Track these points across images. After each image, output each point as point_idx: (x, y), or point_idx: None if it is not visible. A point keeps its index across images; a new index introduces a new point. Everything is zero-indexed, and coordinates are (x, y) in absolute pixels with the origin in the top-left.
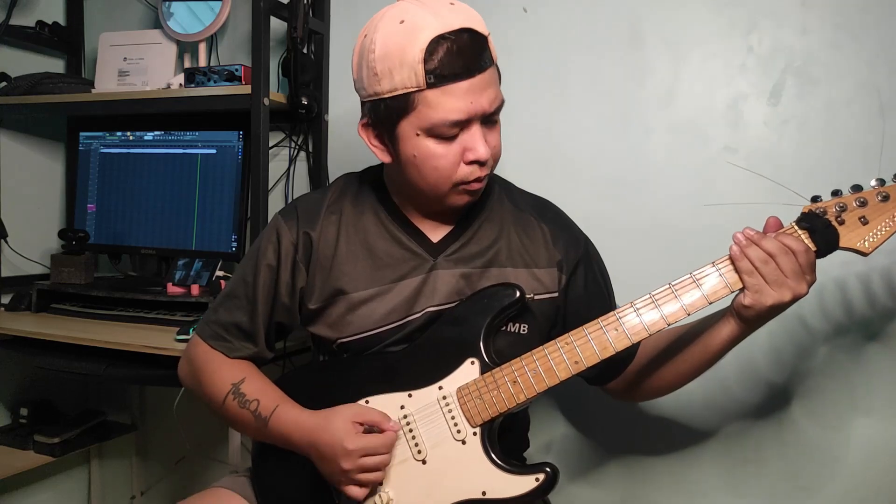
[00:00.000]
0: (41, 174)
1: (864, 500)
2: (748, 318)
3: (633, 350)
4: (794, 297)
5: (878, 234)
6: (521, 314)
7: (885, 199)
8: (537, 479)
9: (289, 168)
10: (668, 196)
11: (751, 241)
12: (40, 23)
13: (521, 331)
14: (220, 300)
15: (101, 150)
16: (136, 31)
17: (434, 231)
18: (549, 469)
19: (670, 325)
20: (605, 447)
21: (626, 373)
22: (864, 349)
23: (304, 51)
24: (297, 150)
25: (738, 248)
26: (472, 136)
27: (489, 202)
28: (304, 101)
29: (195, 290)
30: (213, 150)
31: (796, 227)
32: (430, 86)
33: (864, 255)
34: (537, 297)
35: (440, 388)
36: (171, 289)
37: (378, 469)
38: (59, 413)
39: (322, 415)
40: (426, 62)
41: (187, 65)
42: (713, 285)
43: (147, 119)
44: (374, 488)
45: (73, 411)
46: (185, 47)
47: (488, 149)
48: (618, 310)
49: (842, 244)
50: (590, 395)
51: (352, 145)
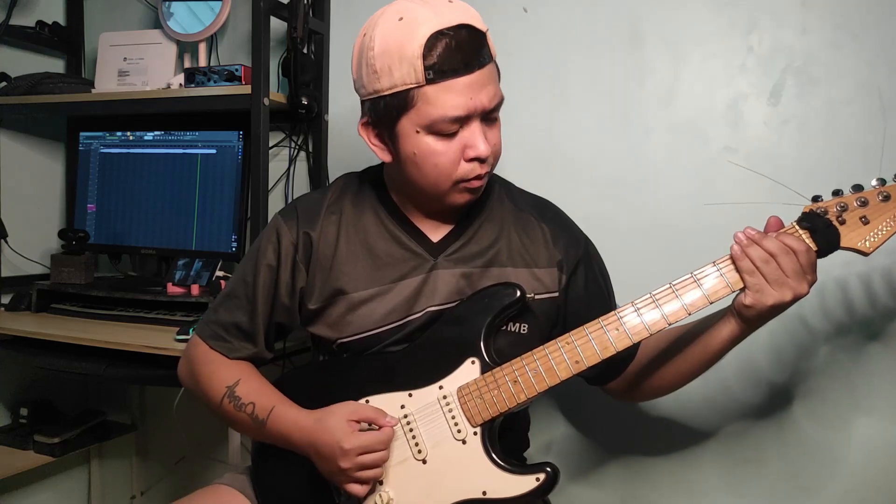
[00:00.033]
0: (41, 174)
1: (864, 501)
2: (749, 317)
3: (634, 350)
4: (795, 297)
5: (879, 233)
6: (522, 314)
7: (886, 198)
8: (538, 479)
9: (289, 168)
10: (668, 196)
11: (752, 241)
12: (40, 23)
13: (522, 330)
14: (220, 300)
15: (101, 150)
16: (136, 31)
17: (434, 231)
18: (549, 469)
19: (671, 324)
20: (605, 447)
21: (627, 373)
22: (865, 349)
23: (304, 51)
24: (297, 150)
25: (739, 248)
26: (472, 133)
27: (489, 202)
28: (304, 101)
29: (195, 290)
30: (213, 150)
31: (797, 227)
32: (429, 82)
33: (865, 254)
34: (538, 296)
35: (440, 387)
36: (171, 289)
37: (377, 466)
38: (59, 413)
39: (319, 414)
40: (425, 58)
41: (187, 65)
42: (714, 285)
43: (147, 119)
44: (374, 487)
45: (73, 411)
46: (185, 47)
47: (488, 146)
48: (619, 309)
49: (843, 244)
50: (590, 395)
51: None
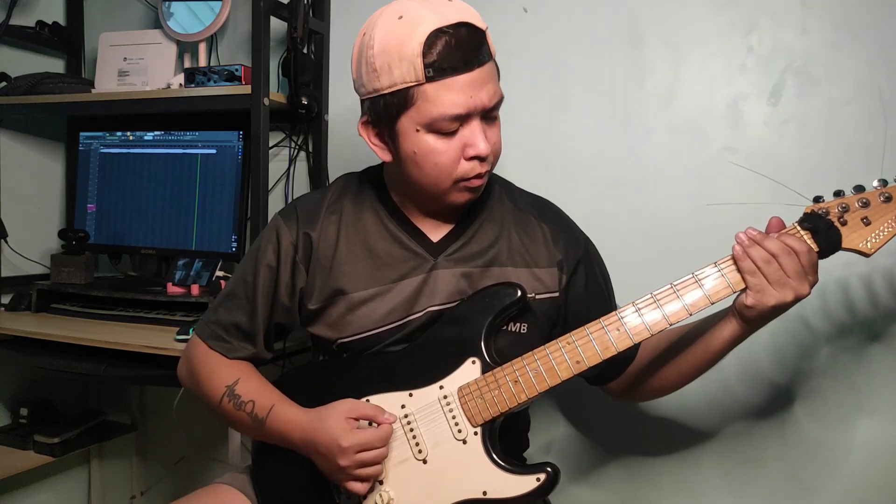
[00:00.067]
0: (41, 174)
1: (865, 501)
2: (750, 318)
3: (634, 350)
4: (797, 298)
5: (881, 234)
6: (522, 314)
7: (888, 199)
8: (538, 479)
9: (289, 168)
10: (668, 196)
11: (753, 242)
12: (40, 23)
13: (522, 330)
14: (220, 300)
15: (101, 150)
16: (136, 31)
17: (434, 230)
18: (549, 469)
19: (672, 325)
20: (605, 447)
21: (627, 373)
22: (867, 350)
23: (304, 51)
24: (297, 150)
25: (740, 248)
26: (471, 132)
27: (489, 202)
28: (304, 101)
29: (195, 290)
30: (213, 150)
31: (799, 228)
32: (429, 79)
33: (867, 255)
34: (538, 296)
35: (441, 387)
36: (171, 289)
37: (376, 463)
38: (59, 413)
39: (317, 413)
40: (425, 56)
41: (187, 65)
42: (715, 285)
43: (147, 119)
44: (374, 486)
45: (73, 411)
46: (185, 47)
47: (488, 144)
48: (620, 309)
49: (844, 245)
50: (590, 396)
51: (352, 145)
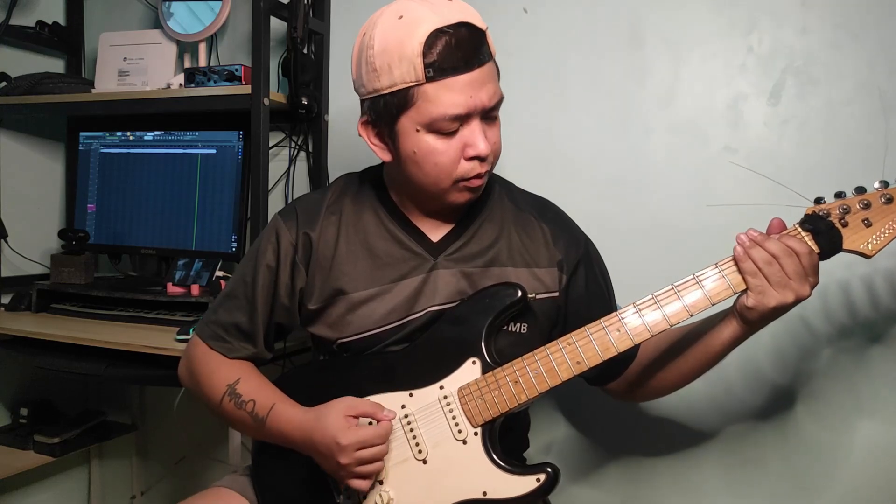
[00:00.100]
0: (41, 174)
1: (865, 502)
2: (751, 319)
3: (635, 351)
4: (797, 299)
5: (882, 236)
6: (523, 314)
7: (889, 201)
8: (538, 480)
9: (289, 168)
10: (668, 196)
11: (754, 243)
12: (40, 23)
13: (522, 330)
14: (220, 300)
15: (101, 150)
16: (136, 31)
17: (434, 230)
18: (550, 469)
19: (672, 325)
20: (605, 447)
21: (627, 373)
22: (868, 351)
23: (304, 51)
24: (297, 150)
25: (741, 249)
26: (471, 132)
27: (490, 201)
28: (304, 101)
29: (195, 290)
30: (213, 150)
31: (800, 229)
32: (429, 79)
33: (868, 257)
34: (538, 296)
35: (441, 387)
36: (171, 289)
37: (377, 459)
38: (59, 413)
39: (316, 411)
40: (425, 56)
41: (187, 65)
42: (716, 286)
43: (147, 119)
44: (374, 486)
45: (73, 411)
46: (185, 47)
47: (488, 144)
48: (620, 310)
49: (845, 246)
50: (590, 396)
51: (352, 145)
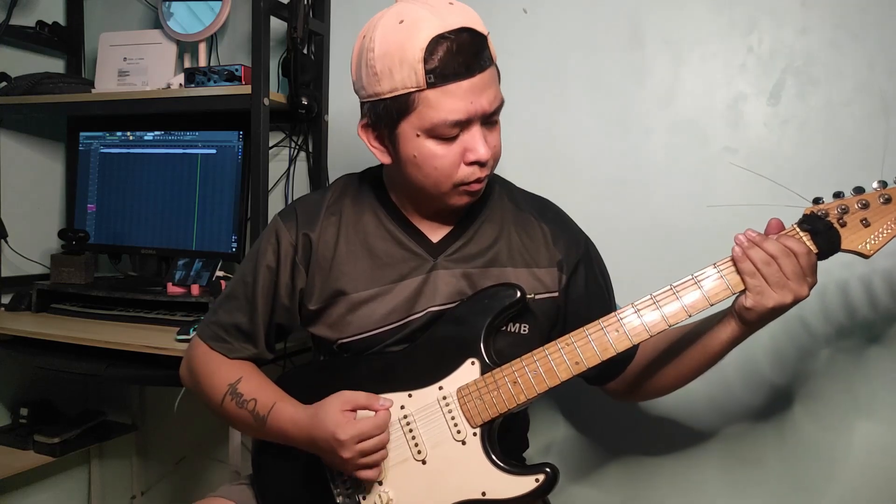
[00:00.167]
0: (41, 174)
1: (864, 502)
2: (749, 319)
3: (634, 351)
4: (796, 299)
5: (880, 236)
6: (522, 314)
7: (888, 201)
8: (537, 480)
9: (289, 168)
10: (668, 196)
11: (753, 243)
12: (40, 23)
13: (522, 331)
14: (221, 301)
15: (101, 150)
16: (136, 31)
17: (434, 231)
18: (549, 469)
19: (671, 326)
20: (605, 448)
21: (626, 373)
22: (866, 351)
23: (304, 51)
24: (297, 150)
25: (740, 250)
26: (472, 137)
27: (490, 202)
28: (304, 101)
29: (195, 290)
30: (213, 150)
31: (798, 229)
32: (430, 85)
33: (866, 257)
34: (538, 296)
35: (440, 388)
36: (171, 289)
37: (379, 448)
38: (59, 413)
39: (314, 409)
40: (426, 62)
41: (187, 65)
42: (714, 286)
43: (147, 119)
44: (374, 486)
45: (73, 411)
46: (185, 47)
47: (488, 149)
48: (619, 310)
49: (843, 246)
50: (590, 396)
51: (352, 145)
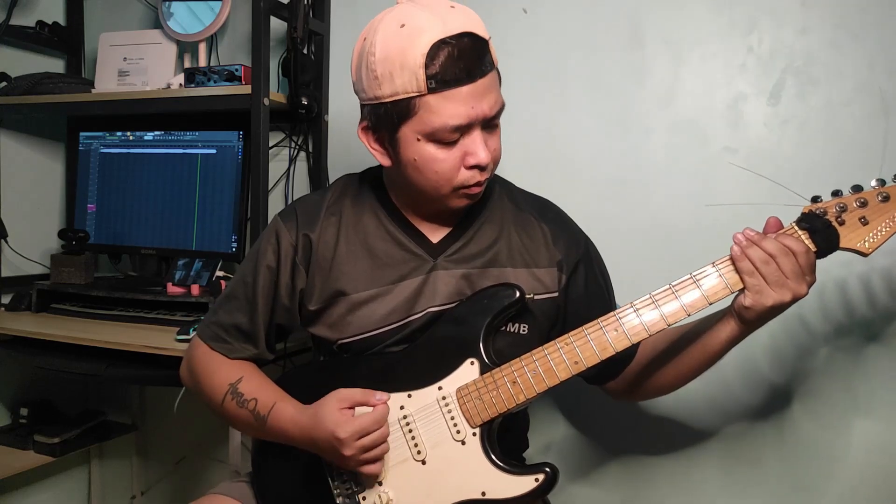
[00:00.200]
0: (41, 174)
1: (863, 501)
2: (748, 318)
3: (633, 350)
4: (794, 298)
5: (879, 234)
6: (521, 314)
7: (886, 199)
8: (537, 480)
9: (289, 168)
10: (668, 196)
11: (751, 242)
12: (40, 23)
13: (521, 331)
14: (221, 301)
15: (101, 150)
16: (136, 31)
17: (434, 232)
18: (548, 469)
19: (670, 325)
20: (605, 447)
21: (626, 372)
22: (865, 350)
23: (304, 51)
24: (297, 151)
25: (738, 249)
26: (472, 141)
27: (489, 202)
28: (304, 101)
29: (195, 290)
30: (213, 150)
31: (796, 228)
32: (431, 91)
33: (865, 255)
34: (537, 296)
35: (440, 388)
36: (171, 289)
37: (379, 443)
38: (59, 413)
39: (312, 409)
40: (427, 67)
41: (187, 65)
42: (713, 286)
43: (147, 119)
44: (374, 486)
45: (73, 411)
46: (185, 47)
47: (489, 153)
48: (618, 310)
49: (842, 245)
50: (590, 396)
51: (352, 146)
